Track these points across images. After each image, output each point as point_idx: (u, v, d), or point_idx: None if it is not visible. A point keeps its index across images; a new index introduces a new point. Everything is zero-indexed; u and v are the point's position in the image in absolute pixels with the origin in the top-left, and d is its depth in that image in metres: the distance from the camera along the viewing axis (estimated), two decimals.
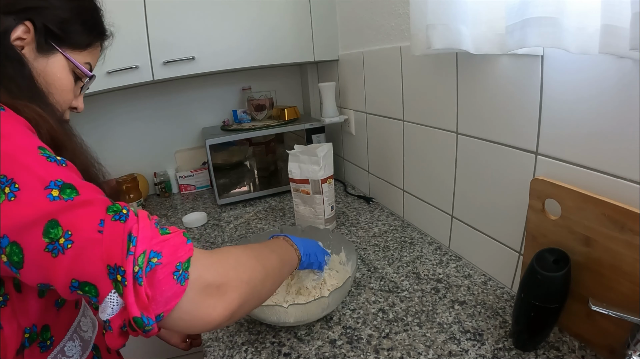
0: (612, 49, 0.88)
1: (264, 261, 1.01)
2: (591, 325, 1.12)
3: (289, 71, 3.20)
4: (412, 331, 1.30)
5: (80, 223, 0.72)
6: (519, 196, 1.31)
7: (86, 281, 0.71)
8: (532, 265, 1.10)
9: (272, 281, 1.04)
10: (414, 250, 1.80)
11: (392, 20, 1.89)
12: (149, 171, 3.00)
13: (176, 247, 0.78)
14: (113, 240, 0.72)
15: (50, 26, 0.99)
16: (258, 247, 1.10)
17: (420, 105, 1.79)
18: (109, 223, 0.73)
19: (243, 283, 0.88)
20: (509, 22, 1.09)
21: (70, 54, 1.06)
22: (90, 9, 1.13)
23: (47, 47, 1.00)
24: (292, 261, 1.22)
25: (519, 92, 1.26)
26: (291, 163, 1.99)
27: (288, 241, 1.25)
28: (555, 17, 0.96)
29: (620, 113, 0.98)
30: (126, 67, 2.19)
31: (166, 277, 0.74)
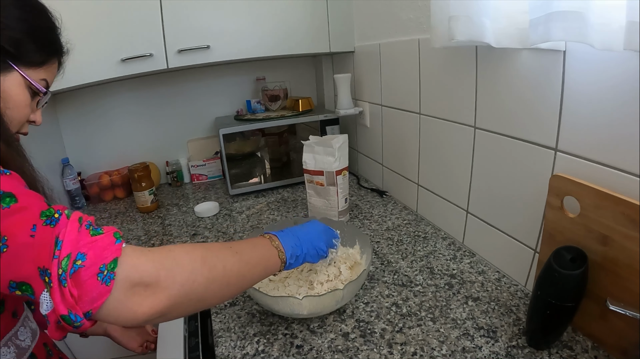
0: (636, 46, 0.87)
1: (214, 263, 0.99)
2: (605, 325, 1.11)
3: (303, 62, 3.19)
4: (426, 326, 1.30)
5: (15, 228, 0.77)
6: (536, 193, 1.30)
7: (23, 281, 0.77)
8: (549, 263, 1.09)
9: (223, 284, 1.01)
10: (427, 244, 1.79)
11: (410, 13, 1.88)
12: (161, 160, 3.02)
13: (103, 248, 0.80)
14: (42, 243, 0.77)
15: (5, 45, 1.01)
16: (216, 247, 1.06)
17: (437, 98, 1.77)
18: (40, 228, 0.78)
19: (176, 284, 0.88)
20: (532, 16, 1.07)
21: (25, 71, 1.08)
22: (45, 28, 1.15)
23: (2, 65, 1.03)
24: (271, 263, 1.17)
25: (540, 87, 1.24)
26: (306, 154, 1.99)
27: (273, 242, 1.20)
28: (580, 11, 0.95)
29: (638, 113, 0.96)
30: (140, 54, 2.19)
31: (90, 278, 0.77)
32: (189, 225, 2.22)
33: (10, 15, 1.02)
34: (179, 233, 2.13)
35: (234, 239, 1.98)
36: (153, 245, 2.00)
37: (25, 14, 1.07)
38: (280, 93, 2.83)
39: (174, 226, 2.24)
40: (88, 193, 2.73)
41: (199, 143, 3.08)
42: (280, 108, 2.86)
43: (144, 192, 2.43)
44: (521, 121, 1.34)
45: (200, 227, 2.18)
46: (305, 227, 1.33)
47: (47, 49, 1.15)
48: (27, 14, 1.08)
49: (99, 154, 2.89)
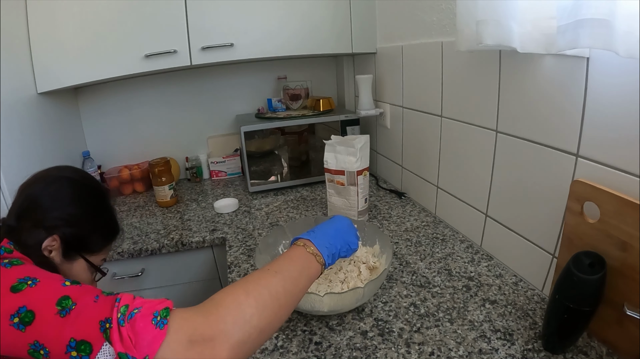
0: None
1: (258, 290, 0.99)
2: (621, 332, 1.12)
3: (324, 62, 3.20)
4: (443, 326, 1.31)
5: (84, 296, 0.88)
6: (556, 198, 1.31)
7: (82, 339, 0.82)
8: (568, 267, 1.09)
9: (274, 305, 1.00)
10: (445, 246, 1.80)
11: (434, 15, 1.88)
12: (181, 155, 3.04)
13: (155, 304, 0.88)
14: (105, 303, 0.87)
15: (72, 240, 1.20)
16: (256, 275, 1.06)
17: (459, 101, 1.78)
18: (102, 296, 0.90)
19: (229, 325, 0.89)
20: (561, 22, 1.08)
21: (89, 256, 1.27)
22: (105, 223, 1.36)
23: (70, 255, 1.21)
24: (312, 270, 1.17)
25: (563, 92, 1.25)
26: (327, 154, 2.00)
27: (308, 248, 1.19)
28: (607, 19, 0.96)
29: None
30: (164, 51, 2.22)
31: (145, 322, 0.83)
32: (208, 221, 2.24)
33: (75, 213, 1.22)
34: (198, 228, 2.15)
35: (253, 235, 2.01)
36: (172, 239, 2.03)
37: (87, 209, 1.27)
38: (302, 93, 2.84)
39: (193, 221, 2.26)
40: (108, 186, 2.74)
41: (219, 140, 3.10)
42: (301, 108, 2.87)
43: (163, 187, 2.46)
44: (543, 126, 1.35)
45: (219, 223, 2.20)
46: (333, 223, 1.34)
47: (108, 238, 1.36)
48: (90, 209, 1.28)
49: (120, 148, 2.92)
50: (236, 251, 1.86)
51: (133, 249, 1.98)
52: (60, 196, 1.20)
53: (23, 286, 0.87)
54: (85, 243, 1.25)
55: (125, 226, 2.21)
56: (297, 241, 1.23)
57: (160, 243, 2.01)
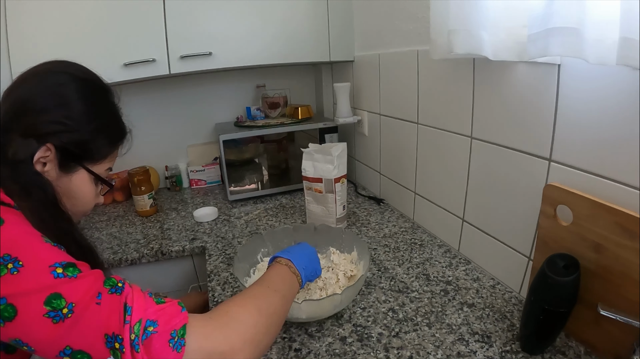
0: (629, 61, 0.89)
1: (266, 308, 1.02)
2: (597, 331, 1.14)
3: (303, 70, 3.22)
4: (422, 331, 1.32)
5: (81, 295, 0.79)
6: (530, 202, 1.33)
7: (80, 350, 0.77)
8: (543, 269, 1.11)
9: (277, 324, 1.05)
10: (423, 251, 1.82)
11: (410, 24, 1.91)
12: (160, 164, 3.02)
13: (171, 316, 0.84)
14: (110, 310, 0.80)
15: (71, 148, 1.04)
16: (260, 292, 1.08)
17: (435, 108, 1.81)
18: (106, 296, 0.82)
19: (247, 344, 0.91)
20: (531, 31, 1.10)
21: (91, 166, 1.11)
22: (110, 124, 1.18)
23: (69, 166, 1.05)
24: (295, 289, 1.21)
25: (535, 99, 1.28)
26: (305, 162, 2.01)
27: (291, 268, 1.23)
28: (577, 27, 0.98)
29: (634, 124, 0.99)
30: (143, 59, 2.21)
31: (162, 345, 0.80)
32: (188, 230, 2.24)
33: (75, 113, 1.04)
34: (177, 238, 2.14)
35: (233, 244, 2.01)
36: (152, 249, 2.02)
37: (90, 107, 1.08)
38: (280, 101, 2.85)
39: (173, 230, 2.25)
40: None
41: (198, 149, 3.09)
42: (280, 116, 2.88)
43: (143, 196, 2.45)
44: (516, 131, 1.37)
45: (199, 232, 2.19)
46: (304, 250, 1.36)
47: (113, 142, 1.19)
48: (93, 107, 1.09)
49: None
50: (216, 259, 1.86)
51: (113, 259, 1.97)
52: (53, 94, 1.02)
53: (2, 270, 0.75)
54: (86, 149, 1.07)
55: (104, 237, 2.20)
56: (280, 260, 1.25)
57: (140, 252, 2.00)
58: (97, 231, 2.29)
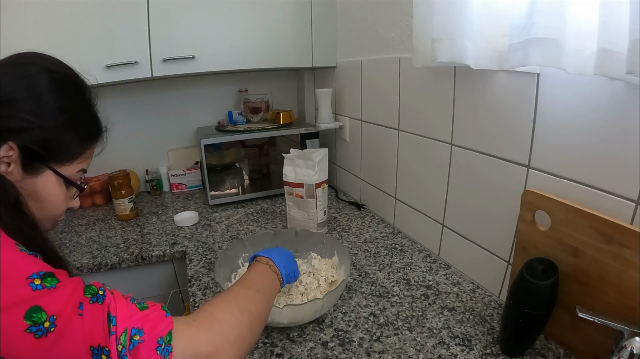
0: (606, 71, 0.92)
1: (249, 308, 1.01)
2: (576, 333, 1.16)
3: (285, 75, 3.22)
4: (403, 335, 1.33)
5: (62, 306, 0.73)
6: (509, 208, 1.35)
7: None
8: (521, 273, 1.14)
9: (259, 323, 1.05)
10: (404, 256, 1.83)
11: (393, 32, 1.93)
12: (141, 168, 3.00)
13: (156, 322, 0.81)
14: (94, 321, 0.75)
15: (35, 147, 0.92)
16: (242, 292, 1.08)
17: (416, 115, 1.82)
18: (88, 306, 0.76)
19: (231, 344, 0.90)
20: (512, 41, 1.12)
21: (60, 167, 1.00)
22: (82, 121, 1.06)
23: (33, 167, 0.94)
24: (276, 288, 1.23)
25: (514, 107, 1.30)
26: (286, 167, 2.01)
27: (271, 267, 1.24)
28: (556, 38, 1.00)
29: (610, 131, 1.03)
30: (125, 62, 2.20)
31: (150, 353, 0.77)
32: (169, 234, 2.23)
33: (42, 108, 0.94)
34: (158, 242, 2.13)
35: (213, 248, 2.01)
36: (132, 253, 2.01)
37: (59, 102, 0.97)
38: (262, 106, 2.85)
39: (153, 235, 2.24)
40: None
41: (179, 153, 3.08)
42: (262, 120, 2.87)
43: (123, 200, 2.43)
44: (496, 139, 1.40)
45: (179, 237, 2.19)
46: (281, 251, 1.37)
47: (85, 139, 1.06)
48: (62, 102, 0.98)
49: None
50: (196, 264, 1.86)
51: (92, 264, 1.95)
52: (19, 87, 0.91)
53: None
54: (52, 149, 0.96)
55: (83, 241, 2.19)
56: (260, 259, 1.26)
57: (120, 257, 1.99)
58: (76, 235, 2.27)
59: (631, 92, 0.96)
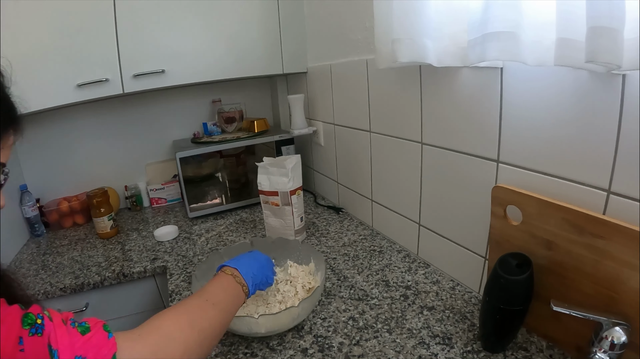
0: (567, 61, 0.92)
1: (200, 323, 1.00)
2: (558, 325, 1.16)
3: (259, 83, 3.22)
4: (382, 337, 1.33)
5: (2, 344, 0.68)
6: (482, 204, 1.35)
7: None
8: (495, 270, 1.13)
9: (211, 338, 1.03)
10: (383, 258, 1.83)
11: (359, 34, 1.93)
12: (119, 184, 2.99)
13: (99, 347, 0.78)
14: (36, 357, 0.71)
15: None
16: (196, 305, 1.06)
17: (386, 116, 1.83)
18: (28, 339, 0.71)
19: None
20: (470, 37, 1.12)
21: None
22: None
23: None
24: (239, 299, 1.20)
25: (480, 102, 1.30)
26: (260, 176, 2.01)
27: (236, 278, 1.22)
28: (513, 31, 1.00)
29: (577, 121, 1.03)
30: (96, 80, 2.19)
31: None
32: (149, 250, 2.22)
33: None
34: (139, 258, 2.12)
35: (193, 261, 1.99)
36: (114, 271, 2.00)
37: None
38: (236, 115, 2.85)
39: (134, 251, 2.23)
40: (47, 220, 2.69)
41: (157, 167, 3.07)
42: (237, 130, 2.87)
43: (103, 218, 2.42)
44: (464, 135, 1.40)
45: (160, 251, 2.18)
46: (255, 257, 1.36)
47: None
48: None
49: (58, 179, 2.84)
50: (177, 278, 1.85)
51: (75, 284, 1.94)
52: None
53: None
54: None
55: (66, 261, 2.17)
56: (225, 269, 1.24)
57: (102, 275, 1.98)
58: (58, 256, 2.26)
59: (595, 80, 0.96)
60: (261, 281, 1.31)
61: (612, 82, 0.93)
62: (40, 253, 2.34)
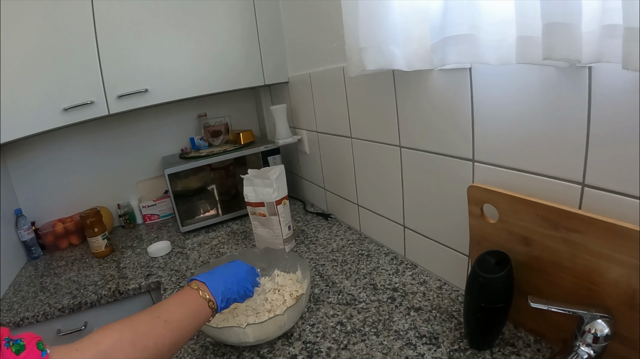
0: (528, 58, 0.94)
1: (144, 341, 0.97)
2: (543, 320, 1.18)
3: (243, 95, 3.24)
4: (370, 340, 1.34)
5: None
6: (461, 203, 1.37)
7: None
8: (473, 269, 1.15)
9: (157, 357, 0.99)
10: (370, 261, 1.84)
11: (334, 42, 1.95)
12: (112, 203, 3.00)
13: None
14: None
15: None
16: (146, 322, 1.03)
17: (365, 121, 1.85)
18: None
19: None
20: (432, 41, 1.15)
21: None
22: None
23: None
24: (202, 315, 1.16)
25: (452, 103, 1.32)
26: (246, 188, 2.03)
27: (202, 292, 1.19)
28: (471, 33, 1.02)
29: (547, 116, 1.05)
30: (82, 103, 2.21)
31: None
32: (143, 266, 2.23)
33: None
34: (133, 275, 2.13)
35: (186, 275, 2.01)
36: (109, 289, 2.01)
37: None
38: (222, 128, 2.87)
39: (129, 268, 2.24)
40: (44, 242, 2.70)
41: (148, 184, 3.08)
42: (223, 143, 2.89)
43: (97, 237, 2.43)
44: (440, 136, 1.42)
45: (154, 267, 2.19)
46: (232, 268, 1.35)
47: None
48: None
49: (52, 202, 2.86)
50: (171, 293, 1.86)
51: (73, 303, 1.95)
52: None
53: None
54: None
55: (63, 282, 2.18)
56: (192, 284, 1.22)
57: (99, 294, 1.99)
58: (56, 277, 2.27)
59: (561, 74, 0.98)
60: (237, 294, 1.29)
61: (578, 74, 0.95)
62: (38, 275, 2.35)
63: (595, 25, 0.81)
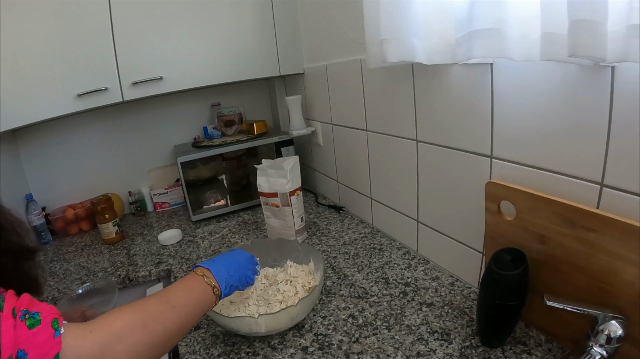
0: (552, 55, 0.92)
1: (155, 325, 0.99)
2: (555, 319, 1.17)
3: (257, 85, 3.23)
4: (381, 334, 1.34)
5: None
6: (477, 199, 1.36)
7: None
8: (489, 266, 1.15)
9: (165, 341, 1.02)
10: (383, 255, 1.84)
11: (352, 34, 1.94)
12: (123, 190, 3.00)
13: (42, 344, 0.77)
14: None
15: None
16: (154, 306, 1.05)
17: (381, 115, 1.84)
18: None
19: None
20: (458, 35, 1.14)
21: None
22: None
23: None
24: (207, 301, 1.18)
25: (472, 98, 1.31)
26: (260, 178, 2.03)
27: (206, 278, 1.20)
28: (498, 27, 1.01)
29: (568, 115, 1.03)
30: (96, 89, 2.21)
31: None
32: (154, 254, 2.23)
33: None
34: (144, 263, 2.14)
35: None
36: (119, 276, 2.02)
37: None
38: (235, 118, 2.86)
39: (139, 255, 2.24)
40: (54, 228, 2.71)
41: (160, 172, 3.08)
42: (237, 132, 2.89)
43: (107, 224, 2.44)
44: (458, 132, 1.41)
45: (164, 255, 2.19)
46: (234, 257, 1.36)
47: None
48: None
49: (63, 188, 2.86)
50: None
51: None
52: None
53: None
54: None
55: (73, 267, 2.19)
56: (197, 270, 1.23)
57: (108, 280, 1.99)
58: (65, 262, 2.28)
59: (584, 73, 0.97)
60: (239, 281, 1.30)
61: (601, 74, 0.93)
62: (47, 260, 2.36)
63: (621, 24, 0.80)
